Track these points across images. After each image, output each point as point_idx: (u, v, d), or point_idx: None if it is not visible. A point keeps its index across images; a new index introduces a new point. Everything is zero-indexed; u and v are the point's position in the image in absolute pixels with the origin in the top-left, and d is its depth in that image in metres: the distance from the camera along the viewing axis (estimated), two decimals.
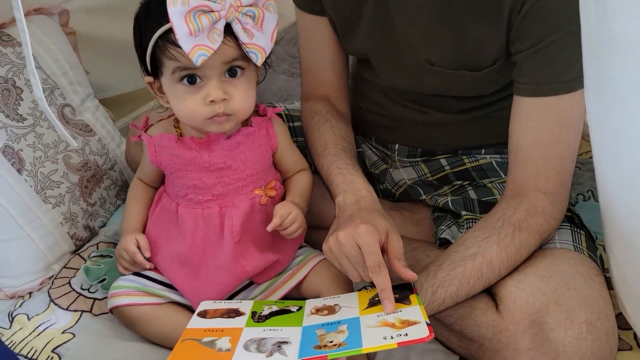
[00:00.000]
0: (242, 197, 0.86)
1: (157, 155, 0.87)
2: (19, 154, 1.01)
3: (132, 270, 0.89)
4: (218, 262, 0.86)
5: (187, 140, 0.85)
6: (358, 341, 0.67)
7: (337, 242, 0.76)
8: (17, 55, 1.08)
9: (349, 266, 0.76)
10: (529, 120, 0.80)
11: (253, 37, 0.76)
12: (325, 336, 0.70)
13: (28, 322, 0.92)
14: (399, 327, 0.68)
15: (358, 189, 0.85)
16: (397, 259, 0.76)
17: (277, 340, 0.71)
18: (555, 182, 0.81)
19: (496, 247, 0.79)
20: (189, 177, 0.85)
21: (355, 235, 0.74)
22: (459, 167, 1.02)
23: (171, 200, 0.89)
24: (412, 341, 0.65)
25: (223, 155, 0.85)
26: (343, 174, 0.88)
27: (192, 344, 0.71)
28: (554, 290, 0.76)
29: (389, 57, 0.91)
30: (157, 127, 0.90)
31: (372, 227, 0.75)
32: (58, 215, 1.05)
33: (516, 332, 0.76)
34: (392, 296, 0.72)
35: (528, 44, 0.77)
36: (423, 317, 0.69)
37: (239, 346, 0.70)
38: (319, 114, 0.98)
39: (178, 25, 0.71)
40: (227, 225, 0.86)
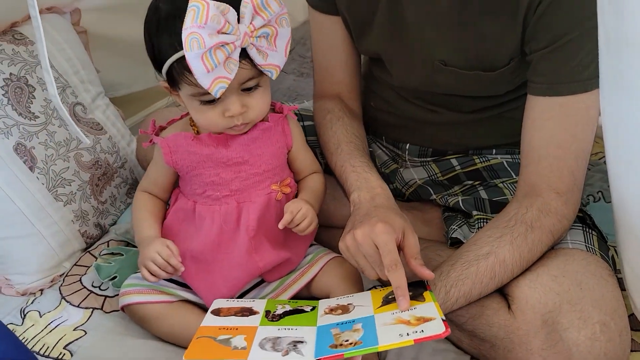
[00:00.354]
0: (259, 192, 0.87)
1: (173, 155, 0.86)
2: (31, 151, 1.02)
3: (163, 276, 0.85)
4: (232, 257, 0.87)
5: (204, 137, 0.85)
6: (374, 339, 0.67)
7: (354, 240, 0.76)
8: (29, 53, 1.08)
9: (365, 264, 0.77)
10: (544, 119, 0.80)
11: (267, 58, 0.77)
12: (341, 335, 0.70)
13: (40, 319, 0.93)
14: (414, 324, 0.68)
15: (372, 187, 0.85)
16: (413, 258, 0.76)
17: (292, 339, 0.71)
18: (569, 182, 0.81)
19: (509, 247, 0.78)
20: (206, 173, 0.85)
21: (372, 234, 0.74)
22: (469, 167, 1.02)
23: (187, 199, 0.89)
24: (429, 337, 0.65)
25: (240, 150, 0.85)
26: (357, 171, 0.88)
27: (207, 342, 0.71)
28: (567, 290, 0.76)
29: (402, 57, 0.91)
30: (171, 128, 0.90)
31: (389, 226, 0.75)
32: (69, 213, 1.05)
33: (529, 332, 0.76)
34: (407, 294, 0.73)
35: (544, 43, 0.77)
36: (438, 313, 0.69)
37: (254, 344, 0.70)
38: (331, 112, 0.98)
39: (195, 66, 0.72)
40: (244, 220, 0.86)
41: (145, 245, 0.87)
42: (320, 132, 0.99)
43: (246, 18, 0.74)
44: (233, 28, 0.73)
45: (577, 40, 0.74)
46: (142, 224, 0.90)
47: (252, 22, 0.74)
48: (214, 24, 0.71)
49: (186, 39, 0.71)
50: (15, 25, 1.12)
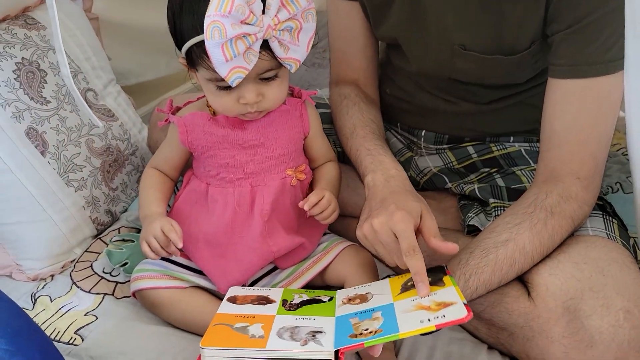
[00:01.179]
0: (274, 176, 0.86)
1: (189, 134, 0.85)
2: (43, 136, 1.01)
3: (162, 254, 0.84)
4: (245, 241, 0.85)
5: (220, 118, 0.84)
6: (394, 326, 0.66)
7: (372, 229, 0.75)
8: (41, 38, 1.08)
9: (384, 252, 0.76)
10: (566, 103, 0.78)
11: (289, 51, 0.76)
12: (360, 324, 0.69)
13: (51, 304, 0.92)
14: (435, 310, 0.66)
15: (387, 168, 0.84)
16: (433, 236, 0.75)
17: (310, 329, 0.70)
18: (590, 167, 0.79)
19: (528, 233, 0.77)
20: (221, 155, 0.85)
21: (390, 222, 0.73)
22: (486, 155, 1.00)
23: (200, 181, 0.88)
24: (451, 322, 0.64)
25: (257, 133, 0.84)
26: (372, 154, 0.87)
27: (224, 329, 0.70)
28: (588, 277, 0.75)
29: (420, 42, 0.90)
30: (186, 109, 0.89)
31: (406, 213, 0.74)
32: (80, 198, 1.04)
33: (549, 319, 0.75)
34: (427, 279, 0.71)
35: (566, 24, 0.75)
36: (459, 297, 0.68)
37: (272, 333, 0.68)
38: (347, 97, 0.97)
39: (214, 55, 0.70)
40: (258, 204, 0.85)
41: (149, 221, 0.85)
42: (336, 117, 0.98)
43: (272, 10, 0.72)
44: (257, 19, 0.71)
45: (600, 20, 0.73)
46: (149, 200, 0.88)
47: (277, 14, 0.73)
48: (238, 14, 0.69)
49: (208, 27, 0.69)
50: (27, 10, 1.11)
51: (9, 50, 1.02)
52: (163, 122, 0.89)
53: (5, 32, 1.04)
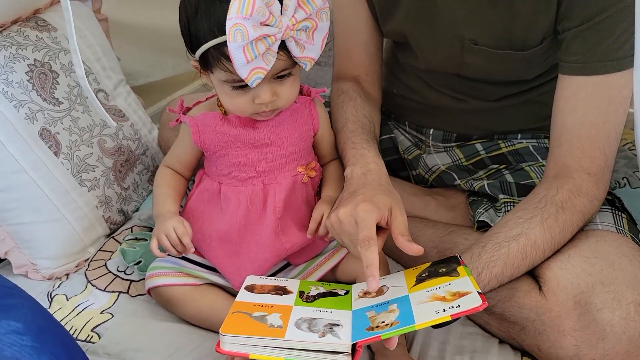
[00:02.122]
0: (286, 174, 0.87)
1: (201, 134, 0.86)
2: (56, 137, 1.02)
3: (172, 252, 0.86)
4: (259, 238, 0.86)
5: (232, 117, 0.85)
6: (410, 318, 0.67)
7: (337, 219, 0.76)
8: (52, 39, 1.09)
9: (349, 243, 0.77)
10: (577, 99, 0.79)
11: (304, 50, 0.77)
12: (377, 317, 0.70)
13: (67, 302, 0.93)
14: (450, 300, 0.67)
15: (367, 162, 0.84)
16: (400, 234, 0.74)
17: (328, 321, 0.71)
18: (600, 163, 0.80)
19: (540, 228, 0.78)
20: (233, 154, 0.86)
21: (354, 212, 0.74)
22: (494, 152, 1.01)
23: (212, 180, 0.89)
24: (466, 311, 0.65)
25: (268, 132, 0.85)
26: (356, 148, 0.87)
27: (243, 317, 0.71)
28: (599, 271, 0.76)
29: (429, 37, 0.91)
30: (197, 109, 0.90)
31: (371, 205, 0.74)
32: (93, 198, 1.05)
33: (561, 313, 0.76)
34: (377, 273, 0.70)
35: (578, 20, 0.76)
36: (474, 286, 0.69)
37: (290, 324, 0.70)
38: (345, 92, 0.98)
39: (237, 57, 0.71)
40: (270, 202, 0.86)
41: (163, 219, 0.86)
42: (332, 111, 0.98)
43: (289, 10, 0.73)
44: (276, 20, 0.72)
45: (613, 17, 0.73)
46: (163, 198, 0.90)
47: (294, 14, 0.74)
48: (259, 15, 0.70)
49: (230, 30, 0.70)
50: (39, 12, 1.12)
51: (21, 52, 1.03)
52: (174, 122, 0.90)
53: (17, 34, 1.05)
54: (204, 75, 0.83)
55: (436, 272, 0.76)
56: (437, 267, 0.77)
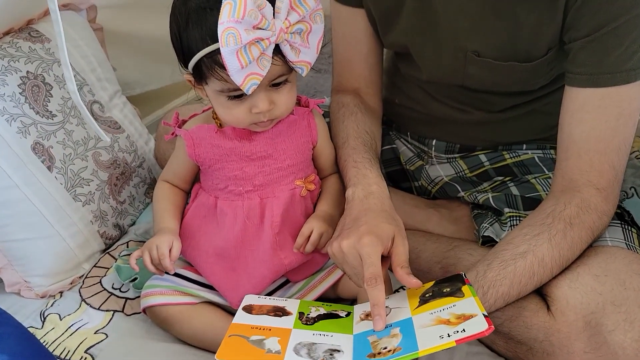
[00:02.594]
0: (283, 187, 0.84)
1: (196, 148, 0.84)
2: (49, 151, 1.00)
3: (150, 269, 0.84)
4: (256, 254, 0.84)
5: (227, 130, 0.83)
6: (413, 344, 0.64)
7: (340, 250, 0.74)
8: (46, 51, 1.06)
9: (352, 273, 0.75)
10: (584, 112, 0.76)
11: (300, 54, 0.75)
12: (379, 342, 0.67)
13: (60, 322, 0.91)
14: (454, 324, 0.65)
15: (369, 184, 0.82)
16: (400, 266, 0.72)
17: (328, 347, 0.68)
18: (609, 177, 0.78)
19: (547, 245, 0.75)
20: (229, 167, 0.83)
21: (357, 246, 0.72)
22: (499, 163, 0.99)
23: (209, 195, 0.87)
24: (471, 337, 0.62)
25: (264, 144, 0.83)
26: (357, 167, 0.85)
27: (240, 341, 0.68)
28: (609, 290, 0.73)
29: (431, 49, 0.88)
30: (192, 122, 0.88)
31: (375, 238, 0.72)
32: (88, 213, 1.03)
33: (570, 334, 0.73)
34: (384, 313, 0.69)
35: (585, 31, 0.73)
36: (479, 309, 0.66)
37: (289, 349, 0.67)
38: (345, 106, 0.95)
39: (230, 62, 0.69)
40: (268, 216, 0.84)
41: (156, 235, 0.85)
42: (333, 125, 0.96)
43: (282, 13, 0.72)
44: (269, 23, 0.71)
45: (622, 28, 0.71)
46: (161, 214, 0.89)
47: (287, 17, 0.72)
48: (251, 19, 0.68)
49: (222, 34, 0.68)
50: (32, 23, 1.10)
51: (13, 64, 1.00)
52: (170, 136, 0.88)
53: (10, 46, 1.03)
54: (198, 89, 0.81)
55: (440, 292, 0.73)
56: (441, 287, 0.74)
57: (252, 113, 0.77)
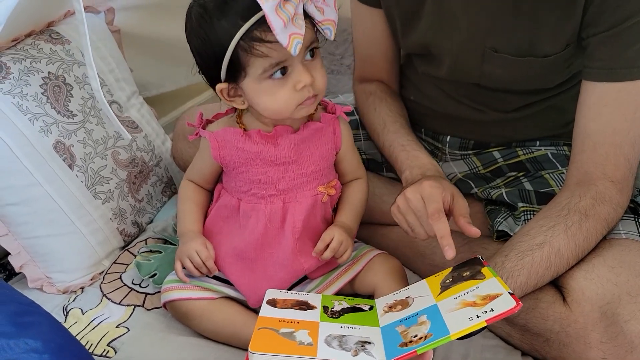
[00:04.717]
0: (306, 193, 0.85)
1: (221, 150, 0.84)
2: (70, 149, 1.02)
3: (195, 274, 0.86)
4: (276, 258, 0.85)
5: (253, 133, 0.83)
6: (444, 328, 0.65)
7: (404, 198, 0.79)
8: (66, 52, 1.09)
9: (415, 222, 0.79)
10: (601, 105, 0.77)
11: (324, 13, 0.75)
12: (408, 331, 0.68)
13: (82, 316, 0.92)
14: (481, 305, 0.65)
15: (423, 163, 0.87)
16: (462, 216, 0.78)
17: (358, 339, 0.69)
18: (624, 170, 0.79)
19: (563, 236, 0.76)
20: (254, 171, 0.84)
21: (420, 189, 0.78)
22: (512, 159, 1.00)
23: (231, 196, 0.87)
24: (500, 315, 0.62)
25: (289, 150, 0.83)
26: (406, 150, 0.90)
27: (271, 334, 0.69)
28: (625, 281, 0.74)
29: (451, 47, 0.89)
30: (217, 124, 0.88)
31: (436, 183, 0.78)
32: (108, 210, 1.05)
33: (586, 324, 0.74)
34: (452, 242, 0.74)
35: (604, 27, 0.74)
36: (504, 287, 0.66)
37: (320, 341, 0.68)
38: (373, 94, 0.99)
39: (274, 19, 0.69)
40: (289, 221, 0.84)
41: (186, 240, 0.87)
42: (364, 113, 0.99)
43: None
44: None
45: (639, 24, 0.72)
46: (187, 216, 0.89)
47: None
48: None
49: None
50: (52, 25, 1.12)
51: (35, 65, 1.03)
52: (194, 136, 0.88)
53: (32, 47, 1.05)
54: (231, 100, 0.80)
55: (460, 277, 0.74)
56: (460, 272, 0.75)
57: (297, 91, 0.76)
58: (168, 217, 1.12)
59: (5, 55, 1.00)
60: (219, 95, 0.81)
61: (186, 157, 1.08)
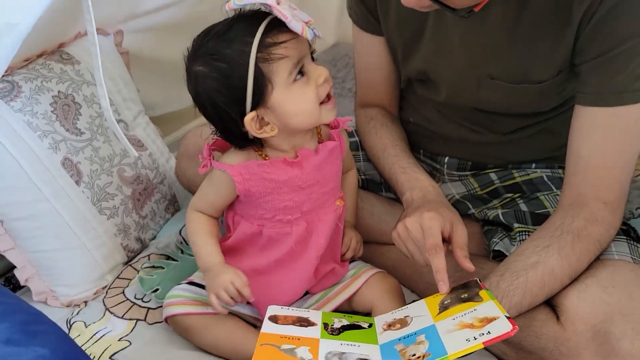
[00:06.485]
0: (327, 209, 0.86)
1: (246, 183, 0.82)
2: (77, 166, 1.04)
3: (233, 305, 0.84)
4: (295, 274, 0.87)
5: (278, 162, 0.82)
6: (441, 349, 0.66)
7: (404, 227, 0.81)
8: (76, 72, 1.12)
9: (414, 250, 0.81)
10: (592, 129, 0.80)
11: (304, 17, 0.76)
12: (406, 350, 0.69)
13: (85, 329, 0.94)
14: (478, 327, 0.67)
15: (424, 186, 0.90)
16: (459, 248, 0.80)
17: (358, 356, 0.70)
18: (616, 191, 0.81)
19: (557, 256, 0.78)
20: (280, 199, 0.83)
21: (420, 220, 0.80)
22: (509, 181, 1.02)
23: (251, 224, 0.86)
24: (497, 338, 0.64)
25: (314, 172, 0.84)
26: (407, 172, 0.92)
27: (272, 350, 0.70)
28: (617, 300, 0.76)
29: (448, 73, 0.93)
30: (231, 157, 0.84)
31: (437, 214, 0.80)
32: (112, 226, 1.07)
33: (579, 343, 0.76)
34: (447, 278, 0.76)
35: (595, 53, 0.77)
36: (500, 310, 0.68)
37: (320, 357, 0.69)
38: (374, 118, 1.03)
39: (285, 11, 0.71)
40: (314, 240, 0.86)
41: (215, 273, 0.83)
42: (365, 137, 1.02)
43: None
44: None
45: (629, 51, 0.75)
46: (205, 248, 0.86)
47: None
48: None
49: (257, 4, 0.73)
50: (63, 46, 1.16)
51: (46, 84, 1.06)
52: (203, 169, 0.84)
53: (43, 67, 1.08)
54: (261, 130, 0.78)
55: (458, 298, 0.76)
56: (458, 293, 0.77)
57: (320, 87, 0.77)
58: (171, 234, 1.14)
59: (18, 74, 1.04)
60: (249, 129, 0.77)
61: (189, 175, 1.10)
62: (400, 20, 0.93)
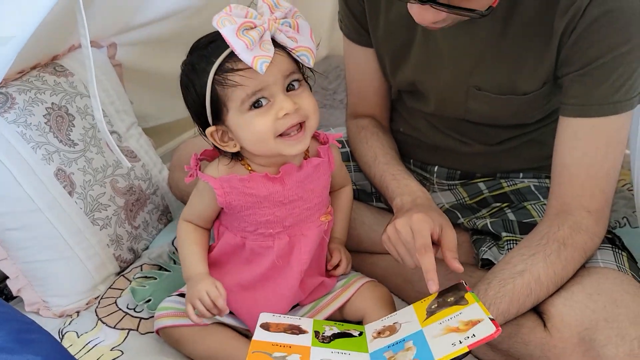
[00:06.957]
0: (310, 225, 0.87)
1: (227, 196, 0.83)
2: (70, 177, 1.05)
3: (207, 316, 0.84)
4: (279, 290, 0.87)
5: (259, 178, 0.83)
6: (428, 354, 0.68)
7: (394, 229, 0.82)
8: (69, 84, 1.13)
9: (404, 252, 0.82)
10: (576, 140, 0.82)
11: (297, 41, 0.77)
12: (395, 357, 0.71)
13: (77, 339, 0.94)
14: (464, 330, 0.68)
15: (413, 191, 0.91)
16: (449, 250, 0.81)
17: None
18: (600, 200, 0.83)
19: (543, 264, 0.80)
20: (261, 213, 0.84)
21: (410, 221, 0.81)
22: (497, 191, 1.04)
23: (234, 235, 0.88)
24: (481, 340, 0.66)
25: (296, 188, 0.84)
26: (397, 179, 0.93)
27: (264, 357, 0.71)
28: (602, 307, 0.77)
29: (436, 85, 0.95)
30: (215, 168, 0.86)
31: (426, 216, 0.81)
32: (105, 237, 1.08)
33: (565, 349, 0.77)
34: (436, 278, 0.77)
35: (576, 66, 0.80)
36: (485, 313, 0.70)
37: None
38: (365, 128, 1.04)
39: (234, 41, 0.72)
40: (296, 254, 0.86)
41: (194, 282, 0.85)
42: (355, 147, 1.04)
43: (265, 13, 0.76)
44: (256, 16, 0.75)
45: (609, 64, 0.77)
46: (191, 258, 0.88)
47: (272, 13, 0.77)
48: (239, 11, 0.74)
49: (217, 21, 0.73)
50: (57, 58, 1.17)
51: (39, 96, 1.07)
52: (190, 178, 0.86)
53: (36, 79, 1.09)
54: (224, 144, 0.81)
55: (445, 302, 0.77)
56: (445, 297, 0.78)
57: (280, 120, 0.76)
58: (163, 244, 1.15)
59: (11, 86, 1.05)
60: (211, 139, 0.81)
61: (182, 186, 1.11)
62: (389, 32, 0.95)
